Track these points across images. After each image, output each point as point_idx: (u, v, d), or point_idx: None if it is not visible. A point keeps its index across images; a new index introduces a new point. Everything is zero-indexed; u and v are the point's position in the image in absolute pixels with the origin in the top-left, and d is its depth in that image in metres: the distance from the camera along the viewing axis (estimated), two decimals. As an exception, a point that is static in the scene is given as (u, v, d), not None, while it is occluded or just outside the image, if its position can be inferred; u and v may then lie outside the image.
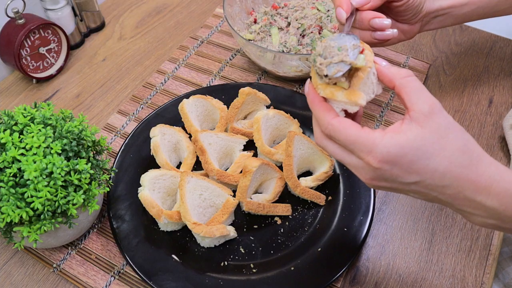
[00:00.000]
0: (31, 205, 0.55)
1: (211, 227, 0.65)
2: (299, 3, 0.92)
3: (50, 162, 0.56)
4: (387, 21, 0.64)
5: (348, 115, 0.51)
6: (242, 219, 0.71)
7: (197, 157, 0.77)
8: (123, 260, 0.68)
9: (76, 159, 0.60)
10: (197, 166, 0.76)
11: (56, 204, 0.56)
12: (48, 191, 0.55)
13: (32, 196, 0.55)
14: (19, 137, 0.58)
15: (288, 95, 0.84)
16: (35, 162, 0.56)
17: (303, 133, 0.78)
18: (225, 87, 0.85)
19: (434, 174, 0.45)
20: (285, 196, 0.73)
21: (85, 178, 0.58)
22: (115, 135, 0.84)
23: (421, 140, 0.45)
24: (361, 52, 0.48)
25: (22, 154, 0.57)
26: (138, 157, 0.76)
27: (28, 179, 0.55)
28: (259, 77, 0.93)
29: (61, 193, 0.56)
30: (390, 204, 0.74)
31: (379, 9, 0.66)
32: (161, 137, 0.74)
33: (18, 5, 0.84)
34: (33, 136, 0.58)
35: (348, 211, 0.69)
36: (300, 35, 0.88)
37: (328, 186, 0.74)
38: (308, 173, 0.76)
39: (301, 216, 0.71)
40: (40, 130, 0.59)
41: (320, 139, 0.51)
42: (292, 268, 0.65)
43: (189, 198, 0.66)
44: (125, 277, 0.67)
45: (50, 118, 0.61)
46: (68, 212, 0.58)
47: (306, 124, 0.79)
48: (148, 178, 0.68)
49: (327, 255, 0.66)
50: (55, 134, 0.60)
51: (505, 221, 0.47)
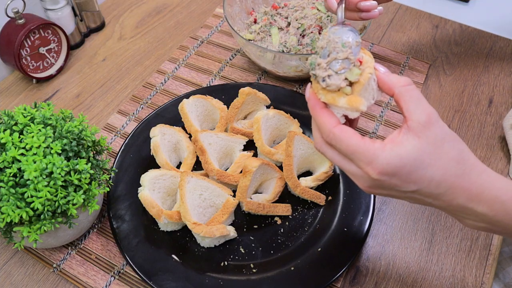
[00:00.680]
0: (31, 205, 0.55)
1: (211, 227, 0.65)
2: (299, 3, 0.92)
3: (50, 162, 0.56)
4: (373, 2, 0.69)
5: (347, 119, 0.52)
6: (242, 219, 0.71)
7: (197, 157, 0.77)
8: (123, 260, 0.68)
9: (76, 159, 0.60)
10: (197, 166, 0.76)
11: (56, 204, 0.56)
12: (48, 191, 0.55)
13: (32, 196, 0.55)
14: (19, 137, 0.58)
15: (288, 95, 0.84)
16: (35, 162, 0.56)
17: (303, 133, 0.78)
18: (225, 87, 0.85)
19: (431, 183, 0.47)
20: (285, 196, 0.73)
21: (85, 178, 0.58)
22: (115, 135, 0.84)
23: (419, 151, 0.46)
24: (360, 62, 0.48)
25: (22, 154, 0.57)
26: (138, 157, 0.76)
27: (28, 179, 0.55)
28: (259, 77, 0.93)
29: (61, 193, 0.56)
30: (390, 204, 0.74)
31: None
32: (161, 137, 0.74)
33: (18, 5, 0.85)
34: (33, 136, 0.58)
35: (348, 211, 0.69)
36: (300, 35, 0.88)
37: (328, 186, 0.74)
38: (308, 173, 0.76)
39: (301, 216, 0.71)
40: (40, 130, 0.59)
41: (320, 144, 0.51)
42: (292, 268, 0.65)
43: (189, 198, 0.66)
44: (125, 277, 0.67)
45: (50, 118, 0.61)
46: (68, 212, 0.58)
47: (306, 124, 0.79)
48: (148, 178, 0.68)
49: (327, 255, 0.66)
50: (55, 134, 0.60)
51: (495, 225, 0.49)
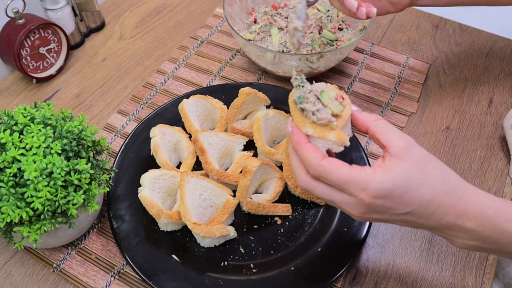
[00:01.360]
0: (31, 205, 0.55)
1: (211, 227, 0.65)
2: (299, 3, 0.92)
3: (50, 162, 0.56)
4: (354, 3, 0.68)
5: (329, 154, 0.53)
6: (242, 219, 0.71)
7: (197, 157, 0.77)
8: (123, 260, 0.68)
9: (76, 159, 0.60)
10: (197, 166, 0.76)
11: (56, 204, 0.56)
12: (48, 191, 0.55)
13: (32, 196, 0.55)
14: (19, 137, 0.58)
15: (288, 95, 0.84)
16: (35, 162, 0.56)
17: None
18: (225, 87, 0.85)
19: (422, 203, 0.48)
20: (285, 196, 0.73)
21: (85, 178, 0.58)
22: (115, 135, 0.84)
23: (408, 172, 0.47)
24: (343, 98, 0.53)
25: (22, 154, 0.57)
26: (138, 157, 0.76)
27: (28, 179, 0.55)
28: (259, 77, 0.93)
29: (61, 193, 0.56)
30: (390, 204, 0.74)
31: None
32: (161, 137, 0.74)
33: (18, 5, 0.85)
34: (33, 136, 0.58)
35: (348, 211, 0.70)
36: (300, 35, 0.88)
37: (328, 186, 0.74)
38: (308, 173, 0.76)
39: (301, 216, 0.71)
40: (40, 130, 0.59)
41: (306, 182, 0.51)
42: (292, 268, 0.65)
43: (189, 198, 0.66)
44: (125, 277, 0.67)
45: (50, 118, 0.61)
46: (68, 212, 0.58)
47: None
48: (148, 178, 0.68)
49: (327, 255, 0.66)
50: (55, 134, 0.60)
51: (484, 242, 0.50)
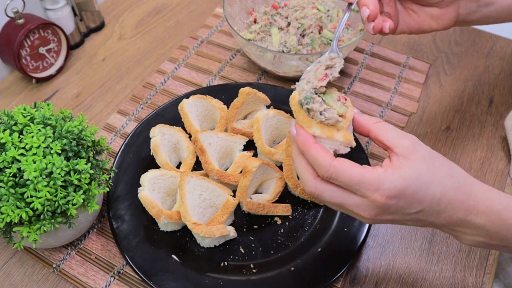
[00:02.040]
0: (31, 205, 0.55)
1: (211, 227, 0.65)
2: (299, 3, 0.92)
3: (50, 162, 0.56)
4: (366, 11, 0.62)
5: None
6: (242, 219, 0.71)
7: (197, 157, 0.76)
8: (123, 260, 0.68)
9: (76, 159, 0.59)
10: (197, 166, 0.76)
11: (56, 204, 0.56)
12: (48, 191, 0.55)
13: (32, 196, 0.55)
14: (18, 137, 0.58)
15: (288, 95, 0.82)
16: (34, 162, 0.56)
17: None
18: (225, 87, 0.85)
19: (433, 200, 0.48)
20: (285, 196, 0.73)
21: (85, 178, 0.58)
22: (115, 135, 0.83)
23: (417, 171, 0.47)
24: (345, 99, 0.53)
25: (21, 154, 0.57)
26: (138, 157, 0.76)
27: (28, 179, 0.55)
28: (259, 77, 0.93)
29: (61, 193, 0.56)
30: (390, 204, 0.74)
31: None
32: (161, 137, 0.74)
33: (17, 5, 0.84)
34: (32, 136, 0.58)
35: (348, 211, 0.69)
36: (300, 35, 0.88)
37: (328, 186, 0.73)
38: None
39: (301, 216, 0.71)
40: (40, 130, 0.59)
41: (315, 186, 0.50)
42: (292, 268, 0.65)
43: (189, 198, 0.66)
44: (125, 277, 0.67)
45: (50, 118, 0.61)
46: (68, 212, 0.58)
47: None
48: (148, 178, 0.67)
49: (327, 255, 0.66)
50: (55, 134, 0.60)
51: (492, 238, 0.50)
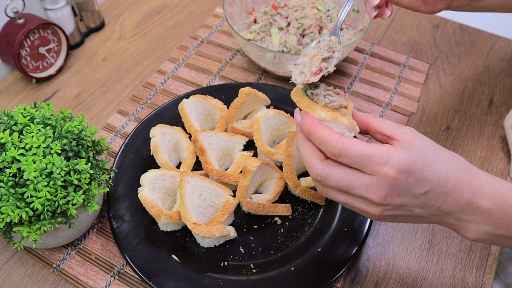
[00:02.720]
0: (31, 205, 0.55)
1: (211, 227, 0.65)
2: (299, 3, 0.92)
3: (49, 162, 0.56)
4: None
5: None
6: (242, 219, 0.71)
7: (197, 157, 0.76)
8: (123, 260, 0.68)
9: (76, 159, 0.59)
10: (197, 166, 0.76)
11: (56, 204, 0.56)
12: (48, 191, 0.55)
13: (31, 196, 0.55)
14: (18, 137, 0.58)
15: (288, 95, 0.83)
16: (34, 162, 0.56)
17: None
18: (225, 87, 0.85)
19: (440, 180, 0.47)
20: (285, 196, 0.73)
21: (85, 178, 0.58)
22: (115, 135, 0.83)
23: (421, 150, 0.48)
24: (345, 92, 0.55)
25: (21, 154, 0.57)
26: (138, 157, 0.76)
27: (28, 179, 0.55)
28: (259, 77, 0.93)
29: (60, 193, 0.56)
30: (390, 204, 0.74)
31: None
32: (161, 137, 0.74)
33: (17, 5, 0.84)
34: (32, 136, 0.58)
35: (348, 211, 0.69)
36: (300, 35, 0.88)
37: (328, 186, 0.73)
38: (308, 173, 0.76)
39: (301, 216, 0.71)
40: (39, 130, 0.59)
41: (322, 168, 0.49)
42: (292, 268, 0.65)
43: (189, 198, 0.66)
44: (125, 277, 0.67)
45: (50, 118, 0.61)
46: (68, 212, 0.58)
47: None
48: (148, 178, 0.67)
49: (327, 255, 0.66)
50: (55, 134, 0.60)
51: (498, 225, 0.49)
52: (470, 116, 0.86)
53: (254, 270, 0.65)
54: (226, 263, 0.66)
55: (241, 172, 0.73)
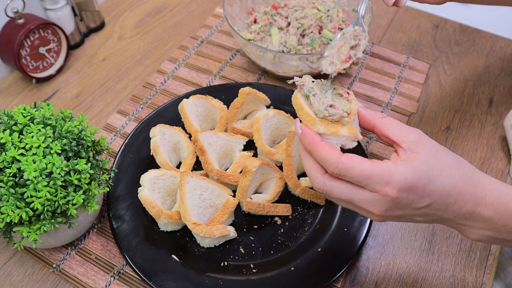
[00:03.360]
0: (31, 205, 0.55)
1: (211, 227, 0.65)
2: (299, 3, 0.92)
3: (49, 162, 0.56)
4: None
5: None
6: (242, 219, 0.71)
7: (197, 157, 0.76)
8: (123, 260, 0.68)
9: (76, 159, 0.59)
10: (197, 166, 0.76)
11: (56, 204, 0.56)
12: (48, 191, 0.55)
13: (31, 196, 0.55)
14: (18, 137, 0.58)
15: (288, 95, 0.83)
16: (34, 162, 0.56)
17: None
18: (225, 87, 0.85)
19: (442, 193, 0.47)
20: (285, 196, 0.73)
21: (85, 178, 0.58)
22: (115, 135, 0.83)
23: (426, 164, 0.47)
24: (348, 93, 0.54)
25: (21, 154, 0.57)
26: (138, 157, 0.76)
27: (28, 179, 0.55)
28: (259, 77, 0.93)
29: (60, 193, 0.56)
30: (390, 204, 0.74)
31: None
32: (161, 137, 0.74)
33: (17, 5, 0.84)
34: (32, 136, 0.58)
35: (348, 211, 0.69)
36: (300, 35, 0.88)
37: (328, 186, 0.73)
38: (308, 173, 0.76)
39: (301, 216, 0.71)
40: (39, 130, 0.59)
41: (323, 182, 0.49)
42: (292, 268, 0.65)
43: (189, 198, 0.66)
44: (125, 277, 0.67)
45: (50, 118, 0.61)
46: (68, 212, 0.58)
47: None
48: (148, 178, 0.67)
49: (327, 255, 0.66)
50: (55, 134, 0.60)
51: (500, 231, 0.49)
52: (470, 116, 0.86)
53: (254, 270, 0.65)
54: (226, 263, 0.66)
55: (241, 172, 0.73)
